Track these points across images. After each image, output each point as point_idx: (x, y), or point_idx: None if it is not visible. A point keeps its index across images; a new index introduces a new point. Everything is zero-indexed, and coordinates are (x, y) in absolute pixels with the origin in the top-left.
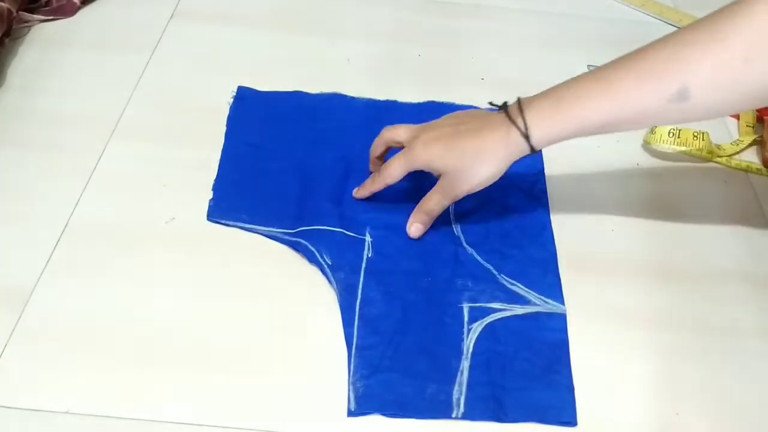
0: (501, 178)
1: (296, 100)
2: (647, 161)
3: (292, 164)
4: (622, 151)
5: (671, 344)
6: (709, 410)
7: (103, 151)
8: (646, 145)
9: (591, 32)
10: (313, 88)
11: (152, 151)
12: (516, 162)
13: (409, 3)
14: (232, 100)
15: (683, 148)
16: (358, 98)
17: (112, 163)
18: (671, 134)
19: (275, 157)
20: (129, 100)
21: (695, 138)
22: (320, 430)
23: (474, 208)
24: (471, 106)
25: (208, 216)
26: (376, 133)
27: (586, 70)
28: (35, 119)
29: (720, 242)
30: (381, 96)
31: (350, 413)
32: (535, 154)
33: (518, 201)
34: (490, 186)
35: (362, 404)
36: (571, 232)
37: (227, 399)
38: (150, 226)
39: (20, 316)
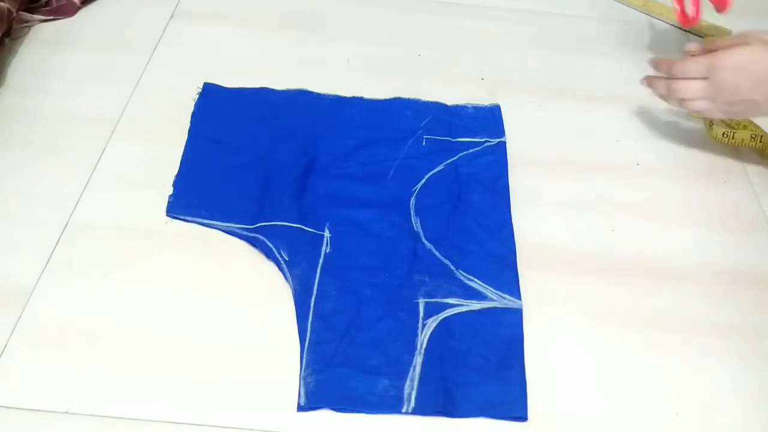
0: (464, 174)
1: (262, 96)
2: (647, 161)
3: (254, 160)
4: (622, 151)
5: (665, 344)
6: (698, 411)
7: (103, 151)
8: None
9: (591, 32)
10: (313, 87)
11: (152, 151)
12: (479, 158)
13: (410, 3)
14: (197, 97)
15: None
16: (324, 94)
17: (112, 163)
18: (725, 135)
19: (237, 153)
20: (129, 100)
21: (752, 139)
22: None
23: (435, 203)
24: (438, 103)
25: (167, 211)
26: (339, 129)
27: (586, 70)
28: (35, 119)
29: (720, 242)
30: (381, 96)
31: (300, 408)
32: (499, 149)
33: (480, 196)
34: (451, 181)
35: (312, 399)
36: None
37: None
38: (150, 226)
39: (20, 316)
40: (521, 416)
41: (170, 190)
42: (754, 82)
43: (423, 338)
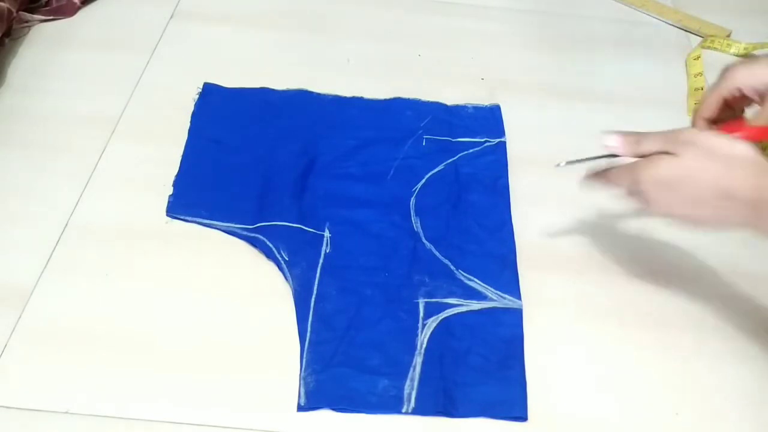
0: (464, 174)
1: (262, 96)
2: None
3: (254, 160)
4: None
5: (665, 344)
6: (695, 410)
7: (103, 151)
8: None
9: (591, 32)
10: (313, 88)
11: (152, 151)
12: (479, 158)
13: (410, 3)
14: (197, 97)
15: None
16: (324, 94)
17: (112, 163)
18: None
19: (237, 153)
20: (129, 100)
21: None
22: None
23: (435, 203)
24: (438, 103)
25: (167, 211)
26: (339, 129)
27: (587, 70)
28: (35, 119)
29: (720, 242)
30: (381, 96)
31: (300, 408)
32: (499, 149)
33: (480, 196)
34: (451, 181)
35: (312, 399)
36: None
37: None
38: (150, 226)
39: (20, 316)
40: (521, 416)
41: (170, 190)
42: (687, 201)
43: (423, 338)
